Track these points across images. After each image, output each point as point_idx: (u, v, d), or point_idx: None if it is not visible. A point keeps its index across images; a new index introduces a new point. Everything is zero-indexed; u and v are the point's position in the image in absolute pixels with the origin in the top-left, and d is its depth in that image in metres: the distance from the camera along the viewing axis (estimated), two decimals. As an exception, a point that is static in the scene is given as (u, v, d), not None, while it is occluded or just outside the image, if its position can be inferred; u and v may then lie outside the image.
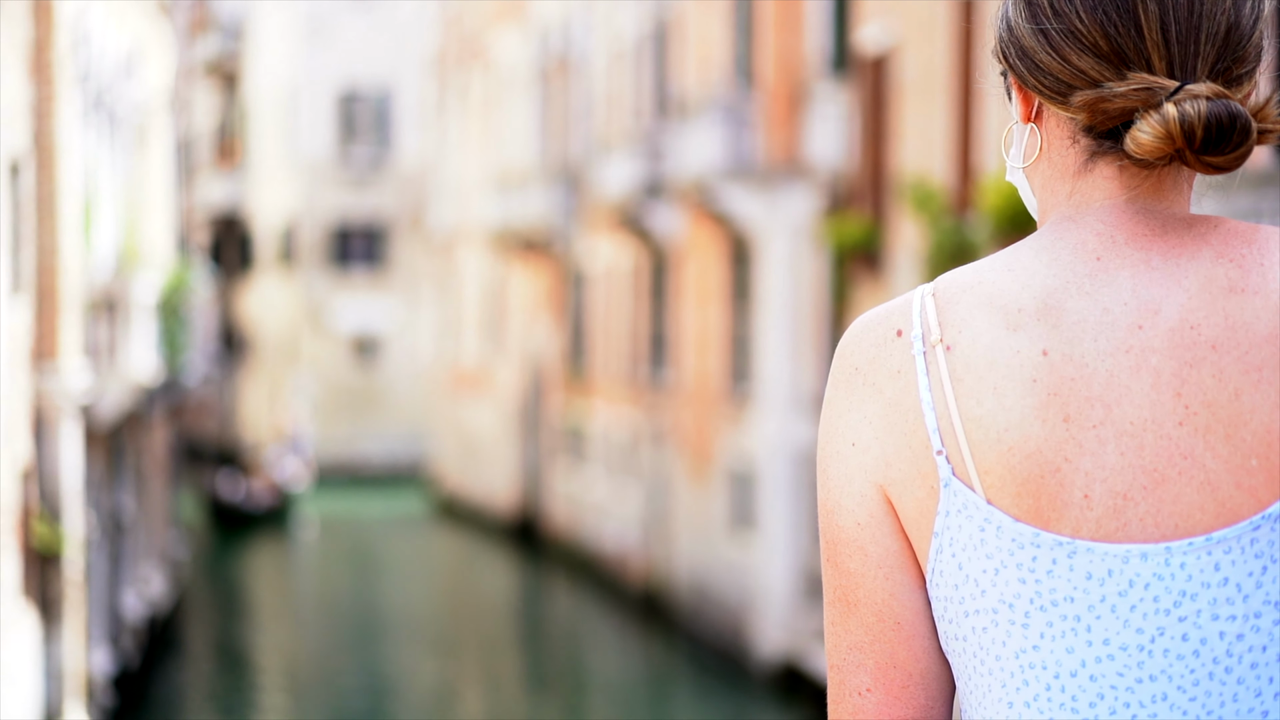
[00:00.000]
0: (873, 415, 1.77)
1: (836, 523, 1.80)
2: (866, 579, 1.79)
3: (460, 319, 47.33)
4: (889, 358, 1.77)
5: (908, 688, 1.79)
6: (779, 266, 25.47)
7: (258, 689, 25.98)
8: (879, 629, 1.79)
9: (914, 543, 1.78)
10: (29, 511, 19.58)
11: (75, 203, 20.76)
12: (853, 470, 1.79)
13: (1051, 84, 1.79)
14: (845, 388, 1.80)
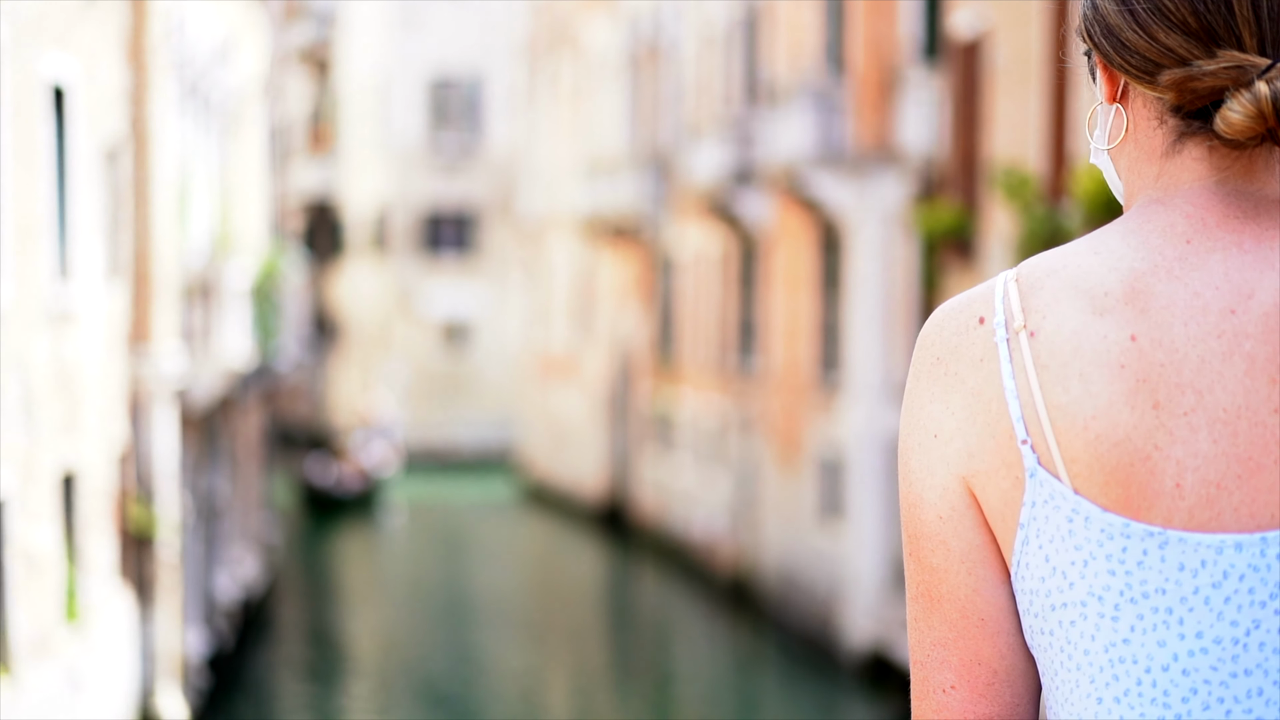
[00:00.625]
0: (955, 406, 1.74)
1: (918, 516, 1.77)
2: (949, 574, 1.76)
3: (549, 305, 47.44)
4: (971, 346, 1.74)
5: (992, 685, 1.76)
6: (869, 254, 25.39)
7: (348, 671, 26.20)
8: (962, 625, 1.76)
9: (999, 536, 1.74)
10: (125, 494, 19.83)
11: (170, 189, 20.99)
12: (934, 462, 1.75)
13: (1138, 63, 1.75)
14: (927, 378, 1.76)
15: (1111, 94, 1.81)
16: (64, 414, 17.11)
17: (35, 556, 16.08)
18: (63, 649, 17.01)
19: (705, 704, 24.63)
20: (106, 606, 18.89)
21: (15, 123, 15.51)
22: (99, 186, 18.85)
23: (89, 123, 18.29)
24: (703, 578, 33.58)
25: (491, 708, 23.88)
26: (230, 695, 24.13)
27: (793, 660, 26.85)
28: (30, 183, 16.03)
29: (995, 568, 1.75)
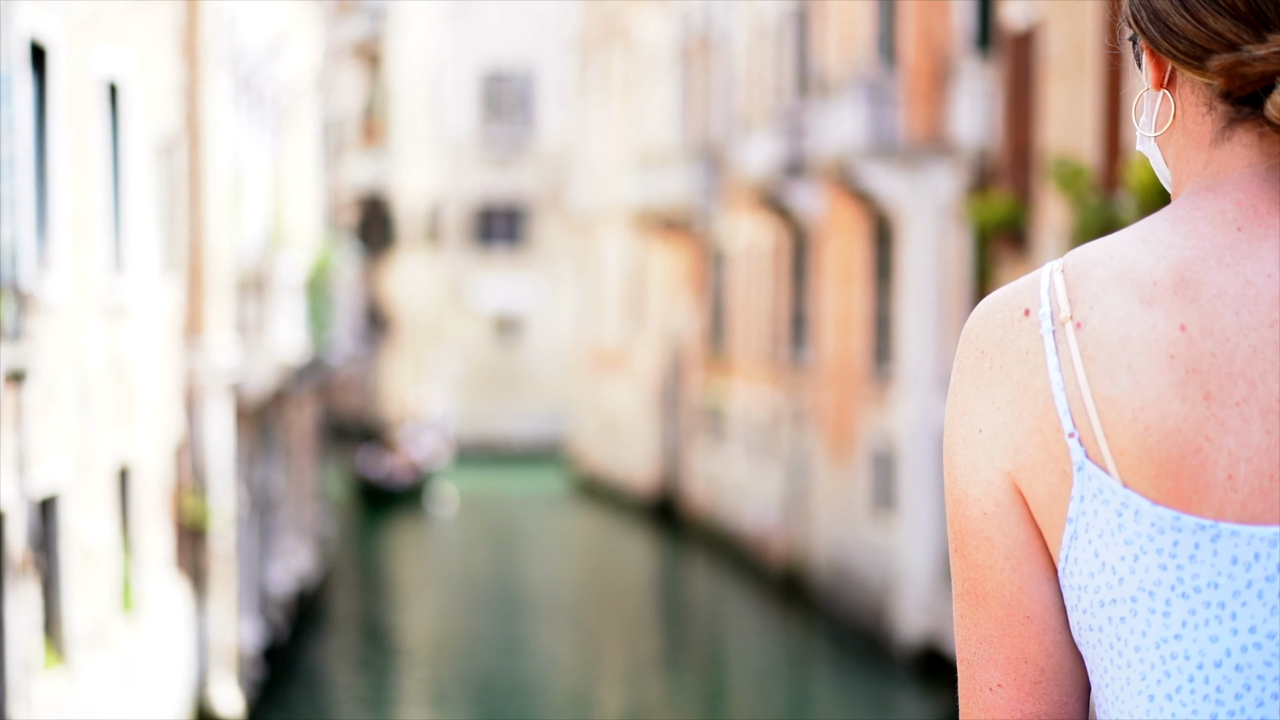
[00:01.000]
0: (1000, 400, 1.71)
1: (963, 512, 1.74)
2: (994, 571, 1.73)
3: (601, 298, 47.49)
4: (1016, 339, 1.70)
5: (1040, 683, 1.73)
6: (921, 245, 25.33)
7: (401, 661, 26.32)
8: (1008, 622, 1.72)
9: (1045, 531, 1.71)
10: (180, 487, 19.96)
11: (224, 183, 21.11)
12: (979, 458, 1.72)
13: (1186, 48, 1.71)
14: (971, 372, 1.73)
15: (1158, 80, 1.77)
16: (119, 407, 17.24)
17: (91, 548, 16.22)
18: (118, 640, 17.14)
19: (757, 696, 24.63)
20: (162, 598, 19.03)
21: (71, 118, 15.63)
22: (153, 181, 18.97)
23: (143, 118, 18.42)
24: (754, 570, 33.57)
25: (543, 698, 23.95)
26: (284, 686, 24.27)
27: (845, 653, 26.83)
28: (86, 177, 16.16)
29: (1041, 564, 1.72)
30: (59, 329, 15.12)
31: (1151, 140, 1.81)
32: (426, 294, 56.72)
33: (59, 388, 15.18)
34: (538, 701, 23.87)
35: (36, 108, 14.97)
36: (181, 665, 19.84)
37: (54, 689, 15.05)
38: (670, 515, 40.62)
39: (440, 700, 23.88)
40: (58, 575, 15.48)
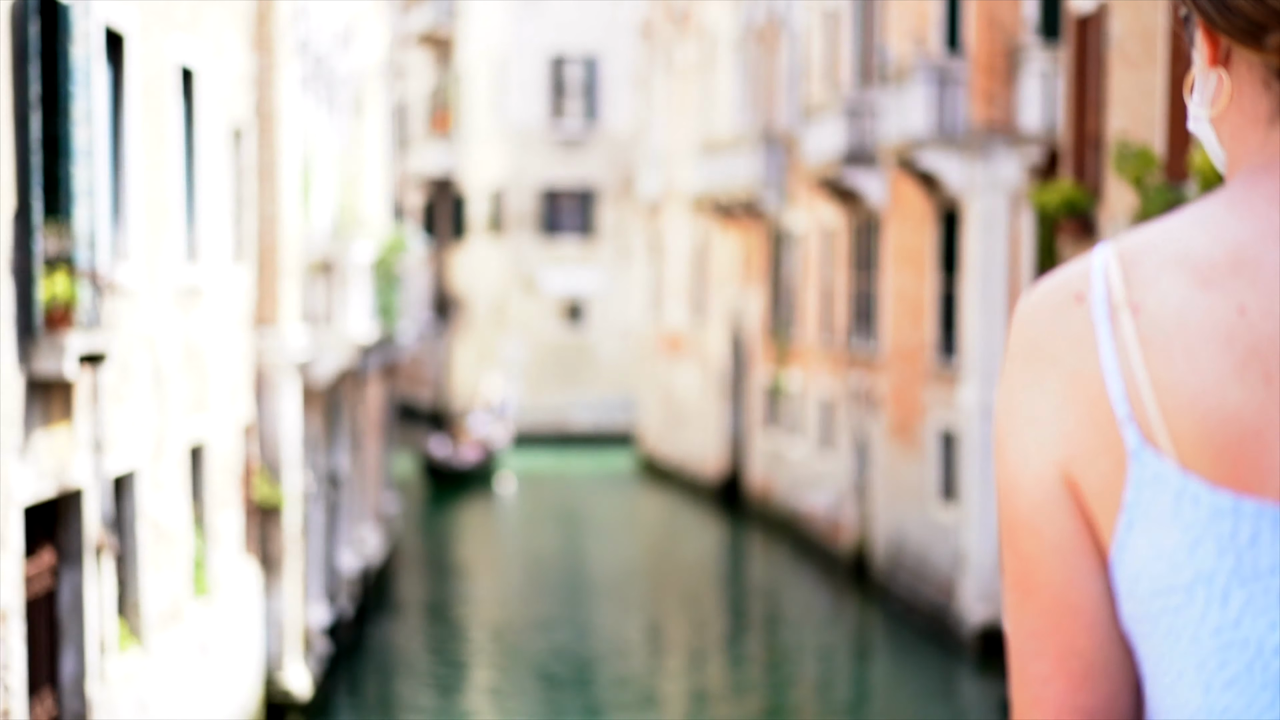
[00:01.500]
0: (1052, 388, 1.66)
1: (1013, 503, 1.69)
2: (1043, 563, 1.68)
3: (667, 283, 47.64)
4: (1068, 326, 1.65)
5: (1089, 676, 1.68)
6: (986, 231, 25.38)
7: (467, 639, 26.58)
8: (1057, 615, 1.68)
9: (1099, 522, 1.66)
10: (251, 468, 20.27)
11: (294, 170, 21.39)
12: (1030, 448, 1.67)
13: (1243, 25, 1.66)
14: (1022, 361, 1.68)
15: (1212, 57, 1.72)
16: (192, 390, 17.54)
17: (165, 529, 16.53)
18: (192, 620, 17.45)
19: (821, 678, 24.78)
20: (233, 578, 19.34)
21: (146, 106, 15.91)
22: (225, 168, 19.27)
23: (216, 105, 18.71)
24: (819, 554, 33.70)
25: (606, 676, 24.16)
26: (351, 664, 24.58)
27: (909, 636, 26.93)
28: (160, 164, 16.45)
29: (1091, 557, 1.68)
30: (134, 313, 15.42)
31: (1205, 120, 1.76)
32: (494, 279, 57.01)
33: (134, 371, 15.49)
34: (602, 679, 24.09)
35: (112, 96, 15.26)
36: (252, 644, 20.15)
37: (129, 668, 15.36)
38: (735, 499, 40.80)
39: (505, 678, 24.13)
40: (132, 556, 15.79)
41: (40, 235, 12.59)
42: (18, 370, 12.49)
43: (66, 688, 14.25)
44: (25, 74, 12.47)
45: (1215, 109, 1.73)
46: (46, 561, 13.89)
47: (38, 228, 12.55)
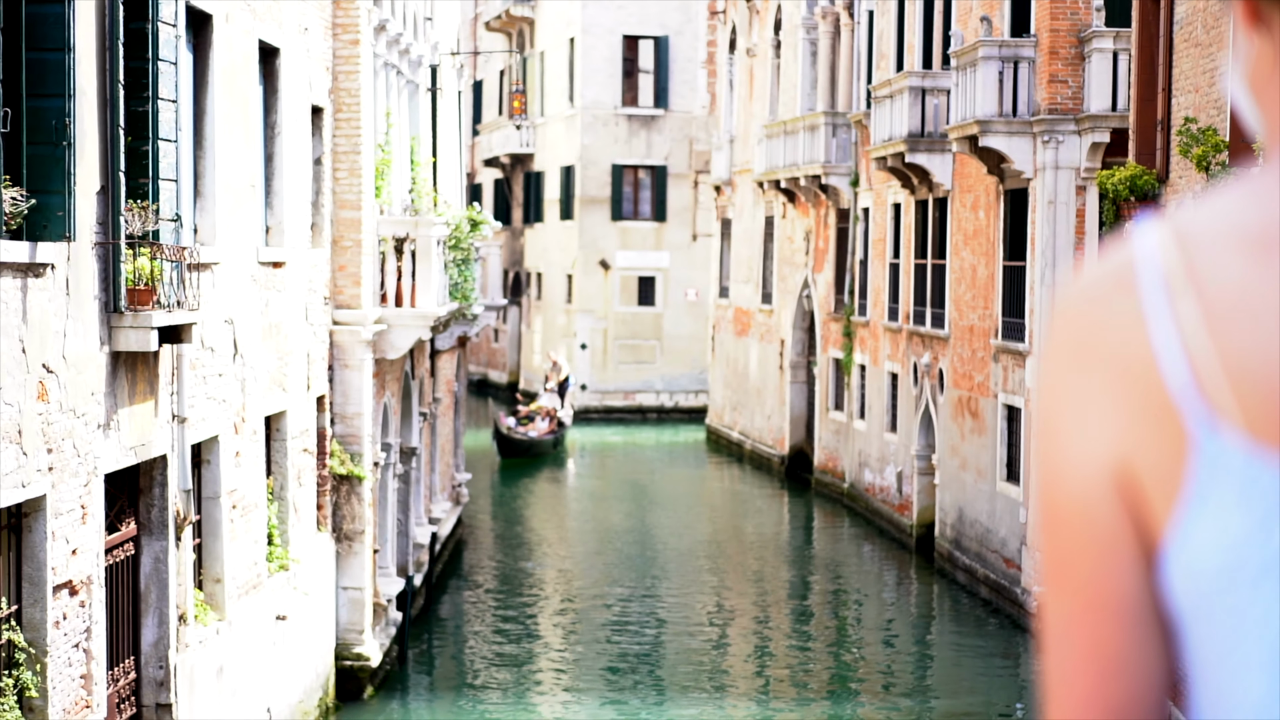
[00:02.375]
0: (1102, 377, 1.58)
1: (1054, 498, 1.63)
2: (1082, 558, 1.62)
3: (735, 262, 47.89)
4: (1119, 311, 1.57)
5: (1120, 671, 1.62)
6: (1052, 213, 25.51)
7: (536, 610, 26.94)
8: (1092, 610, 1.62)
9: (1153, 512, 1.58)
10: (326, 441, 20.70)
11: (371, 150, 21.78)
12: (1076, 440, 1.60)
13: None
14: (1068, 351, 1.60)
15: (1251, 19, 1.62)
16: (270, 365, 17.97)
17: (243, 501, 16.96)
18: (268, 589, 17.89)
19: (886, 652, 25.02)
20: (308, 548, 19.77)
21: (227, 86, 16.31)
22: (304, 147, 19.66)
23: (296, 86, 19.10)
24: (884, 529, 33.93)
25: (672, 647, 24.47)
26: (423, 632, 25.00)
27: (973, 611, 27.13)
28: (241, 145, 16.85)
29: (1132, 553, 1.60)
30: (214, 290, 15.84)
31: (1245, 85, 1.66)
32: (566, 257, 57.41)
33: (214, 346, 15.92)
34: (668, 651, 24.40)
35: (195, 76, 15.66)
36: (326, 614, 20.59)
37: (208, 637, 15.79)
38: (802, 473, 41.07)
39: (572, 649, 24.48)
40: (212, 526, 16.23)
41: (125, 213, 13.00)
42: (102, 345, 12.91)
43: (147, 656, 14.69)
44: (113, 54, 12.86)
45: (1252, 74, 1.63)
46: (128, 532, 14.33)
47: (122, 206, 12.96)
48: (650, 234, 56.11)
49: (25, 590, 11.98)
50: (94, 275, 12.71)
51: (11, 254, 11.21)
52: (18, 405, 11.41)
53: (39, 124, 11.47)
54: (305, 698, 19.41)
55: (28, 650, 11.91)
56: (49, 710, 12.07)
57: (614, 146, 55.81)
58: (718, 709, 21.51)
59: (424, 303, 22.52)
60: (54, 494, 12.05)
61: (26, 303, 11.53)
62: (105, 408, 13.01)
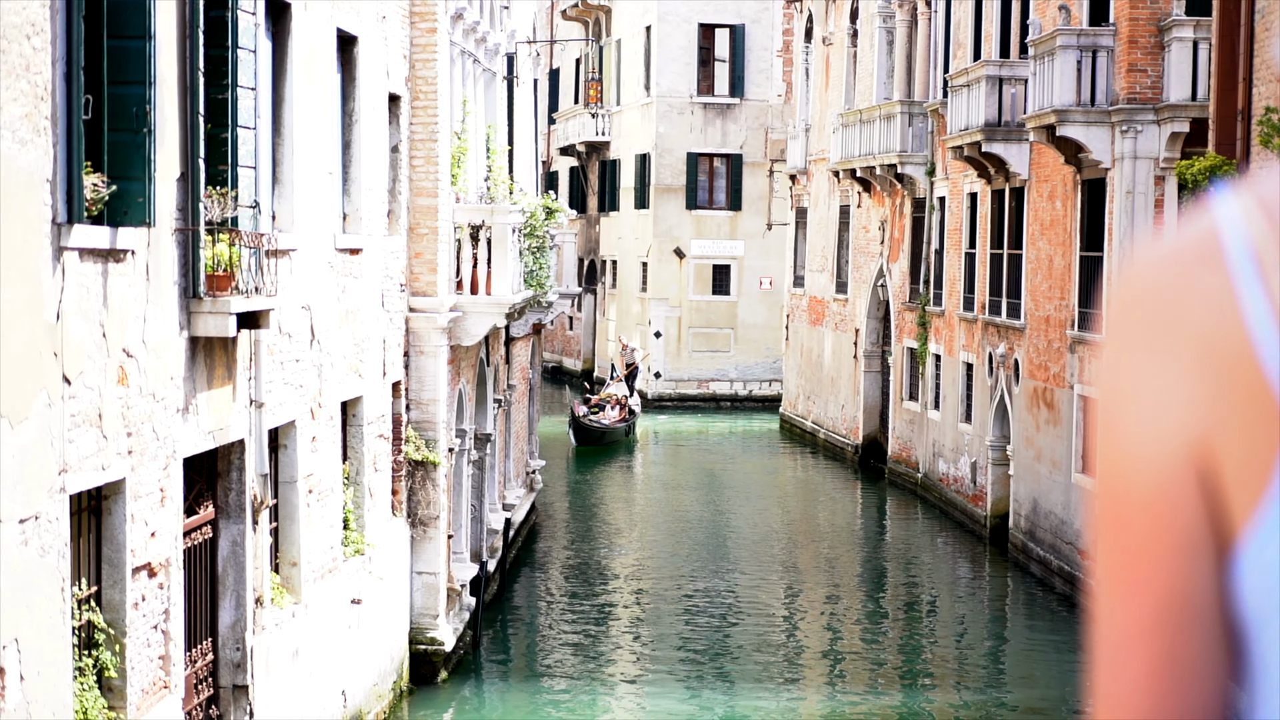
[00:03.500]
0: (1181, 357, 1.48)
1: (1123, 490, 1.52)
2: (1153, 556, 1.50)
3: (810, 250, 47.83)
4: (1201, 287, 1.48)
5: (1187, 681, 1.51)
6: (1130, 203, 25.35)
7: (608, 594, 27.01)
8: (1162, 615, 1.50)
9: (1234, 501, 1.47)
10: (401, 426, 20.82)
11: (447, 137, 21.88)
12: (1149, 426, 1.49)
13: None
14: (1140, 331, 1.51)
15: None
16: (346, 351, 18.09)
17: (319, 486, 17.09)
18: (344, 573, 18.03)
19: (960, 642, 24.95)
20: (384, 533, 19.90)
21: (306, 73, 16.43)
22: (381, 134, 19.78)
23: (373, 74, 19.22)
24: (958, 519, 33.82)
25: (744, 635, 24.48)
26: (496, 616, 25.12)
27: (1047, 602, 27.02)
28: (319, 132, 16.97)
29: (1208, 550, 1.49)
30: (292, 276, 15.96)
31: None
32: (641, 245, 57.47)
33: (291, 332, 16.05)
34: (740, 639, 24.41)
35: (274, 64, 15.79)
36: (400, 598, 20.72)
37: (284, 620, 15.94)
38: (876, 463, 41.00)
39: (644, 636, 24.53)
40: (289, 510, 16.37)
41: (204, 199, 13.13)
42: (181, 330, 13.05)
43: (224, 637, 14.85)
44: (193, 42, 12.99)
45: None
46: (206, 515, 14.48)
47: (202, 192, 13.09)
48: (725, 223, 56.09)
49: (105, 572, 12.14)
50: (173, 261, 12.85)
51: (93, 239, 11.35)
52: (98, 389, 11.56)
53: (120, 111, 11.60)
54: (379, 681, 19.56)
55: (107, 631, 12.07)
56: (127, 690, 12.22)
57: (689, 135, 55.81)
58: (788, 699, 21.52)
59: (499, 290, 22.60)
60: (133, 477, 12.20)
61: (107, 288, 11.67)
62: (184, 392, 13.15)
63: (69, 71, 10.94)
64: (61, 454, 11.01)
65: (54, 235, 10.86)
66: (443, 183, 21.41)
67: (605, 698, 21.40)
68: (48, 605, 10.87)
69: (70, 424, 11.13)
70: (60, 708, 11.09)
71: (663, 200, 55.90)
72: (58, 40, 10.85)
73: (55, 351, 10.92)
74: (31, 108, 10.51)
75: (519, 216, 23.87)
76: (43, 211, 10.69)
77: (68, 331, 11.09)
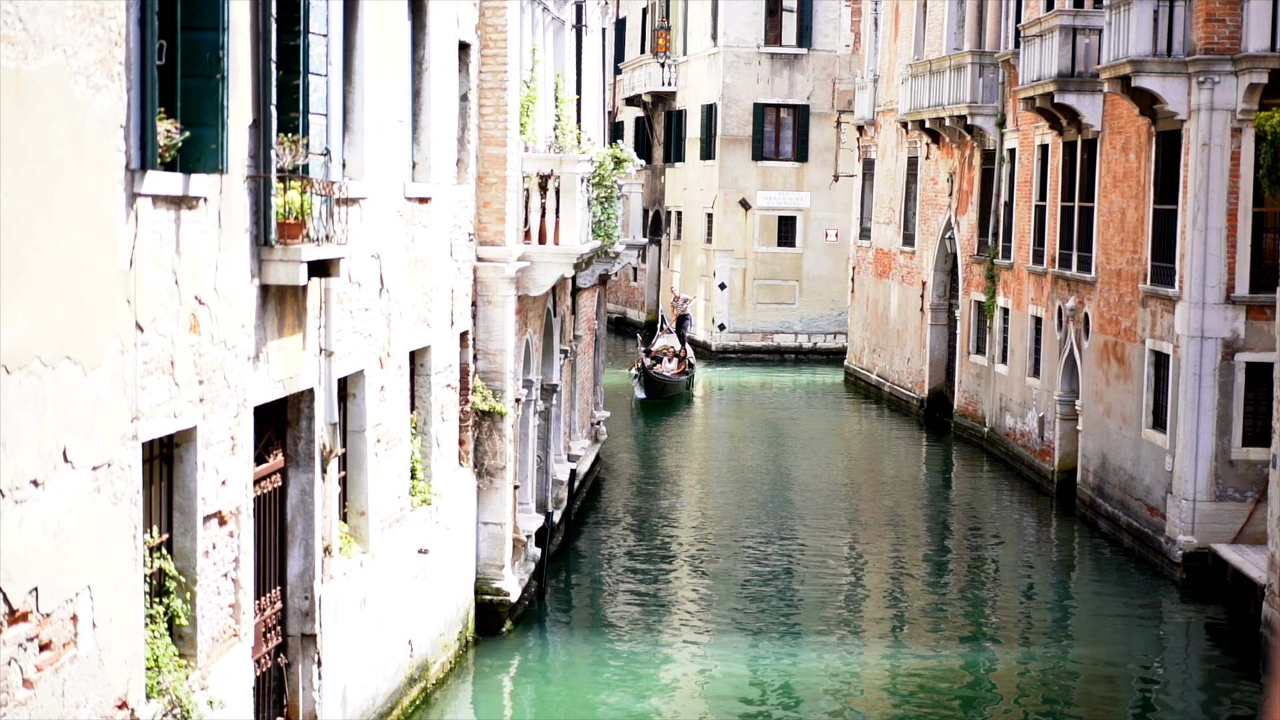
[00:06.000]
0: None
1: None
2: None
3: (877, 203, 47.53)
4: None
5: None
6: (1206, 155, 25.00)
7: (672, 546, 26.98)
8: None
9: None
10: (469, 377, 20.79)
11: (516, 86, 21.76)
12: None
13: None
14: None
15: None
16: (415, 300, 18.04)
17: (388, 435, 17.07)
18: (412, 523, 18.02)
19: (1026, 597, 24.81)
20: (451, 483, 19.89)
21: (376, 22, 16.33)
22: (451, 83, 19.68)
23: (443, 23, 19.10)
24: (1025, 473, 33.61)
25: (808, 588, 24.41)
26: (561, 570, 25.13)
27: (1115, 558, 26.82)
28: (389, 80, 16.87)
29: None
30: (362, 225, 15.91)
31: None
32: (706, 196, 57.26)
33: (361, 281, 16.00)
34: (803, 592, 24.34)
35: (345, 11, 15.68)
36: (466, 548, 20.72)
37: (352, 569, 15.94)
38: (941, 417, 40.79)
39: (707, 589, 24.49)
40: (357, 460, 16.35)
41: (276, 147, 13.06)
42: (252, 278, 13.01)
43: (293, 586, 14.85)
44: (264, -10, 12.89)
45: None
46: (275, 464, 14.47)
47: (274, 140, 13.02)
48: (791, 174, 55.79)
49: (176, 520, 12.14)
50: (245, 208, 12.80)
51: (165, 186, 11.30)
52: (170, 336, 11.53)
53: (193, 57, 11.52)
54: (446, 631, 19.58)
55: (178, 579, 12.08)
56: (198, 638, 12.23)
57: (756, 86, 55.50)
58: (852, 653, 21.44)
59: (567, 240, 22.51)
60: (204, 425, 12.18)
61: (180, 234, 11.63)
62: (255, 340, 13.12)
63: (143, 16, 10.87)
64: (134, 401, 10.99)
65: (128, 182, 10.81)
66: (511, 132, 21.30)
67: (667, 649, 21.37)
68: (120, 553, 10.87)
69: (143, 371, 11.11)
70: (132, 655, 11.11)
71: (729, 151, 55.64)
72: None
73: (128, 299, 10.89)
74: (106, 53, 10.45)
75: (587, 166, 23.74)
76: (116, 158, 10.64)
77: (140, 278, 11.05)
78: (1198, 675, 21.44)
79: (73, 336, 10.14)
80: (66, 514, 10.13)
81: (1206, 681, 21.05)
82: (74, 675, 10.29)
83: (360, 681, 16.21)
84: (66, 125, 10.01)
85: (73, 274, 10.12)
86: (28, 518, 9.66)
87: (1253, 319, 25.03)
